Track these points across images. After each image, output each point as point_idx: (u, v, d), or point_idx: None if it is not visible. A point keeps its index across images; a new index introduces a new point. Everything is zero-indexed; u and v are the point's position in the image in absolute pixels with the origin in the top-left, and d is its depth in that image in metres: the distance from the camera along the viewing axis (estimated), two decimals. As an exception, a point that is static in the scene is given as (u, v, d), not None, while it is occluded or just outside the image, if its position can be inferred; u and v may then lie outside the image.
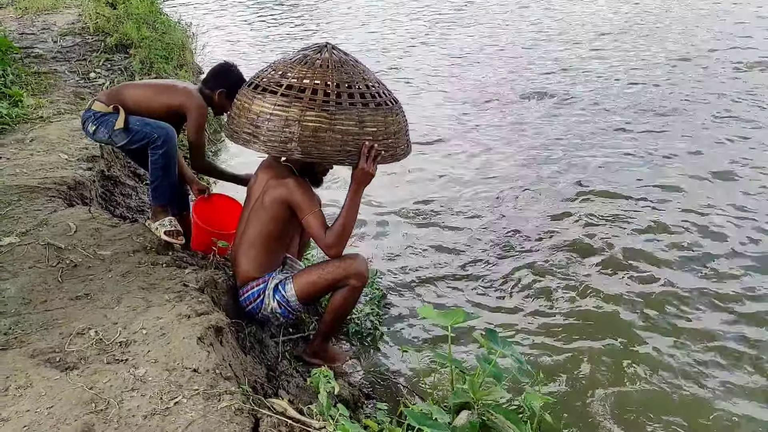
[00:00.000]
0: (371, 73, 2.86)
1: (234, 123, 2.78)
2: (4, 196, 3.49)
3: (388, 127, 2.71)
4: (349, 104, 2.63)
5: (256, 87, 2.75)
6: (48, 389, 2.05)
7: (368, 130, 2.65)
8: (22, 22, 7.53)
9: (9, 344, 2.34)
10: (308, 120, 2.57)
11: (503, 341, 2.63)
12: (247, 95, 2.75)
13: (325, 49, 2.78)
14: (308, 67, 2.70)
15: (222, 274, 3.22)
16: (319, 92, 2.62)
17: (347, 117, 2.60)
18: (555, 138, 6.16)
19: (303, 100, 2.59)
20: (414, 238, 4.52)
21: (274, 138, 2.60)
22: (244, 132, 2.68)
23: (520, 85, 7.67)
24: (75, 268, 2.96)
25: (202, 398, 2.06)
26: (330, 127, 2.58)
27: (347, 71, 2.72)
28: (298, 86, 2.65)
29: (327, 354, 3.18)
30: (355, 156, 2.65)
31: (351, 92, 2.66)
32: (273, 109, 2.60)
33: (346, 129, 2.60)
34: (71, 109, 5.05)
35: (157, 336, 2.39)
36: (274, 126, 2.60)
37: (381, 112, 2.70)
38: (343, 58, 2.79)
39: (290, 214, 2.86)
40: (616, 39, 9.46)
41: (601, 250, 4.27)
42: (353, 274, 2.85)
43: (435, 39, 9.77)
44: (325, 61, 2.72)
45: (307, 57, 2.76)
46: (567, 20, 10.67)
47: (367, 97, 2.69)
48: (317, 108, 2.58)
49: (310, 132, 2.57)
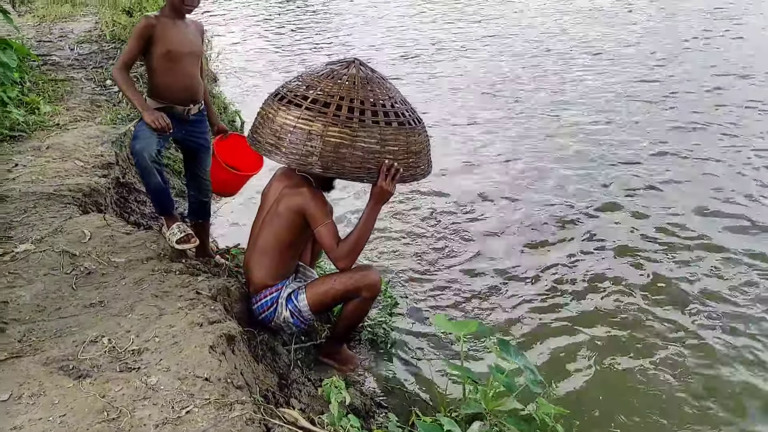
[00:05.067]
0: (396, 91, 2.86)
1: (257, 132, 2.79)
2: (20, 203, 3.53)
3: (409, 146, 2.70)
4: (372, 122, 2.63)
5: (281, 98, 2.75)
6: (61, 397, 2.06)
7: (389, 149, 2.64)
8: (39, 29, 7.63)
9: (23, 351, 2.36)
10: (330, 135, 2.57)
11: (516, 351, 2.62)
12: (271, 106, 2.76)
13: (352, 64, 2.79)
14: (334, 82, 2.71)
15: (235, 282, 3.23)
16: (343, 108, 2.62)
17: (369, 135, 2.60)
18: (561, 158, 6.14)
19: (327, 115, 2.60)
20: (427, 247, 4.50)
21: (295, 151, 2.61)
22: (267, 142, 2.70)
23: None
24: (89, 275, 2.98)
25: (213, 408, 2.06)
26: (351, 144, 2.58)
27: (372, 88, 2.72)
28: (322, 101, 2.65)
29: (340, 356, 3.20)
30: (374, 173, 2.65)
31: (375, 110, 2.66)
32: (296, 122, 2.61)
33: (368, 147, 2.60)
34: (87, 116, 5.10)
35: (170, 344, 2.40)
36: (296, 139, 2.60)
37: (403, 131, 2.69)
38: (370, 75, 2.79)
39: (304, 222, 2.86)
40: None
41: (627, 264, 4.23)
42: (365, 286, 2.85)
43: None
44: (352, 77, 2.72)
45: (334, 71, 2.76)
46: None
47: (391, 116, 2.68)
48: (340, 124, 2.58)
49: (332, 147, 2.58)
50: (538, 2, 12.07)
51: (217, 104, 6.52)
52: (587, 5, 12.06)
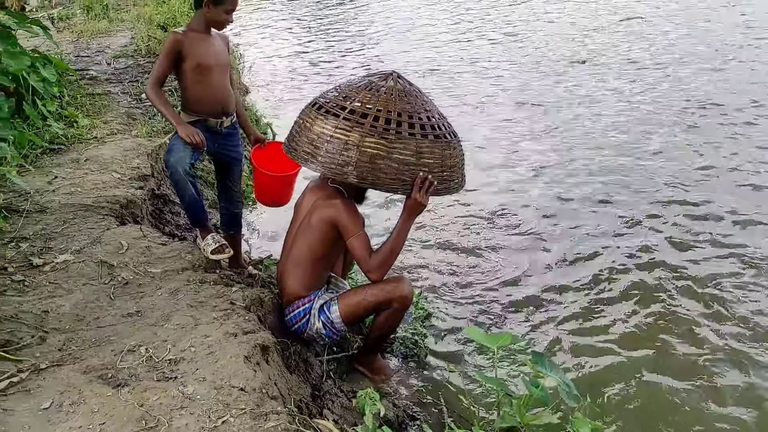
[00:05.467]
0: (433, 104, 2.88)
1: (294, 140, 2.83)
2: (60, 214, 3.60)
3: (444, 160, 2.71)
4: (408, 134, 2.65)
5: (319, 108, 2.78)
6: (100, 406, 2.09)
7: (425, 161, 2.65)
8: (77, 45, 7.82)
9: (63, 360, 2.40)
10: (367, 146, 2.59)
11: (551, 365, 2.59)
12: (309, 115, 2.80)
13: (390, 77, 2.81)
14: (372, 94, 2.74)
15: (268, 292, 3.26)
16: (381, 120, 2.64)
17: (405, 146, 2.62)
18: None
19: (364, 126, 2.62)
20: (460, 258, 4.49)
21: (331, 160, 2.63)
22: (303, 150, 2.73)
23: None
24: (126, 285, 3.03)
25: (249, 418, 2.08)
26: (387, 155, 2.60)
27: (410, 101, 2.74)
28: (360, 112, 2.68)
29: (373, 365, 3.21)
30: (409, 186, 2.66)
31: (411, 122, 2.68)
32: (334, 131, 2.64)
33: (403, 158, 2.62)
34: (124, 129, 5.20)
35: (205, 354, 2.43)
36: (333, 148, 2.63)
37: (439, 144, 2.70)
38: (407, 87, 2.81)
39: (337, 234, 2.88)
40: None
41: (667, 277, 4.14)
42: (397, 298, 2.86)
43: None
44: (390, 89, 2.75)
45: (372, 83, 2.79)
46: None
47: (427, 129, 2.70)
48: (377, 135, 2.60)
49: (368, 158, 2.60)
50: (582, 16, 11.97)
51: (249, 116, 6.59)
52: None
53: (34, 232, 3.42)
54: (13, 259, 3.11)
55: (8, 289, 2.85)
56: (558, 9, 12.52)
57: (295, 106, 7.62)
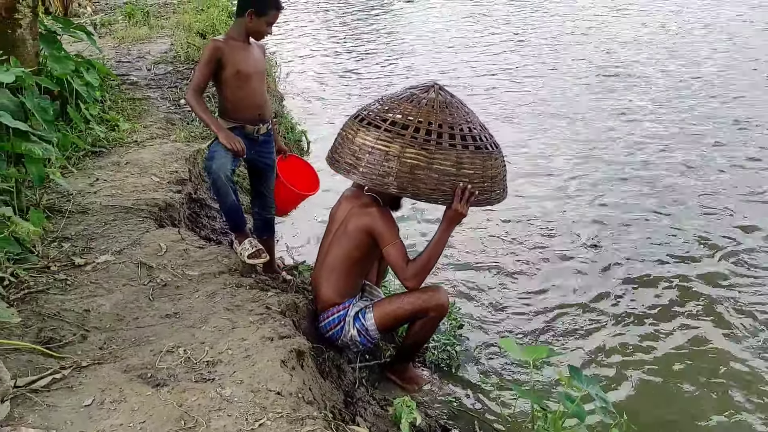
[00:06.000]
0: (475, 116, 2.88)
1: (337, 152, 2.86)
2: (101, 215, 3.68)
3: (486, 171, 2.72)
4: (449, 145, 2.66)
5: (362, 120, 2.81)
6: (140, 404, 2.12)
7: (465, 172, 2.66)
8: (119, 50, 7.97)
9: (104, 359, 2.44)
10: (407, 157, 2.61)
11: (587, 379, 2.55)
12: (352, 127, 2.82)
13: (432, 89, 2.83)
14: (413, 106, 2.76)
15: (302, 298, 3.28)
16: (421, 131, 2.66)
17: (446, 157, 2.63)
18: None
19: (404, 136, 2.64)
20: (495, 269, 4.46)
21: (372, 171, 2.65)
22: (345, 162, 2.76)
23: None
24: (164, 287, 3.08)
25: (285, 422, 2.09)
26: (428, 166, 2.61)
27: (451, 112, 2.76)
28: (401, 123, 2.70)
29: (405, 374, 3.21)
30: (449, 196, 2.67)
31: (452, 133, 2.69)
32: (375, 142, 2.67)
33: (444, 169, 2.63)
34: (163, 133, 5.29)
35: (242, 357, 2.45)
36: (374, 159, 2.65)
37: (480, 155, 2.71)
38: (449, 99, 2.82)
39: (372, 242, 2.89)
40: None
41: (712, 294, 4.07)
42: (434, 306, 2.87)
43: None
44: (431, 101, 2.76)
45: (414, 95, 2.81)
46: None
47: (468, 140, 2.70)
48: (417, 146, 2.62)
49: (408, 168, 2.61)
50: (618, 29, 11.87)
51: (284, 124, 6.67)
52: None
53: (76, 232, 3.49)
54: (56, 259, 3.18)
55: (51, 287, 2.92)
56: (592, 21, 12.43)
57: (329, 115, 7.70)
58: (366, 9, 14.54)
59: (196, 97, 3.30)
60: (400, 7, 14.75)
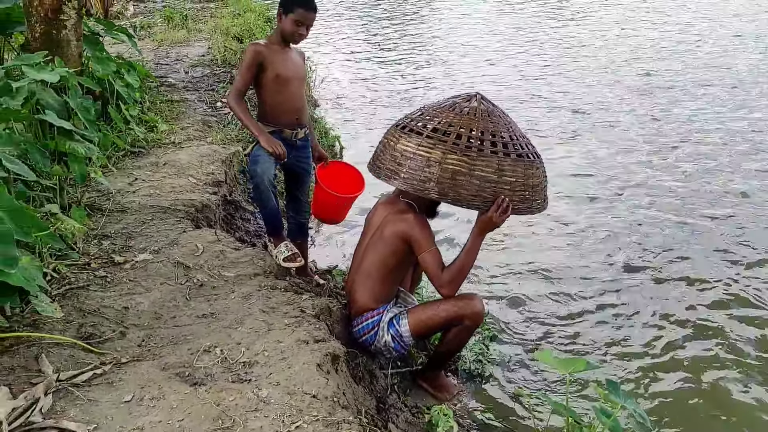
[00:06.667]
0: (516, 125, 2.89)
1: (378, 159, 2.88)
2: (139, 215, 3.73)
3: (527, 179, 2.71)
4: (490, 152, 2.66)
5: (404, 128, 2.83)
6: (179, 402, 2.14)
7: (506, 179, 2.66)
8: (157, 53, 8.10)
9: (143, 356, 2.48)
10: (449, 163, 2.62)
11: (625, 394, 2.52)
12: (394, 134, 2.85)
13: (474, 98, 2.84)
14: (455, 114, 2.77)
15: (336, 302, 3.29)
16: (463, 137, 2.66)
17: (487, 164, 2.63)
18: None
19: (446, 143, 2.65)
20: (530, 278, 4.42)
21: (414, 176, 2.67)
22: (387, 168, 2.78)
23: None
24: (201, 287, 3.10)
25: (321, 425, 2.09)
26: (469, 172, 2.62)
27: (493, 121, 2.76)
28: (443, 130, 2.71)
29: (436, 382, 3.20)
30: (489, 203, 2.67)
31: (494, 141, 2.70)
32: (416, 149, 2.68)
33: (485, 176, 2.63)
34: (199, 135, 5.35)
35: (278, 359, 2.46)
36: (415, 165, 2.67)
37: (522, 163, 2.70)
38: (491, 108, 2.83)
39: (408, 248, 2.89)
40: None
41: (754, 314, 3.97)
42: (470, 315, 2.86)
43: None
44: (473, 109, 2.78)
45: (456, 104, 2.83)
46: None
47: (509, 148, 2.71)
48: (459, 152, 2.63)
49: (449, 174, 2.62)
50: (653, 37, 11.76)
51: (318, 129, 6.70)
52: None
53: (116, 230, 3.54)
54: (96, 256, 3.23)
55: (92, 284, 2.96)
56: (629, 28, 12.31)
57: (363, 121, 7.72)
58: (400, 16, 14.58)
59: (238, 101, 3.35)
60: (436, 15, 14.75)
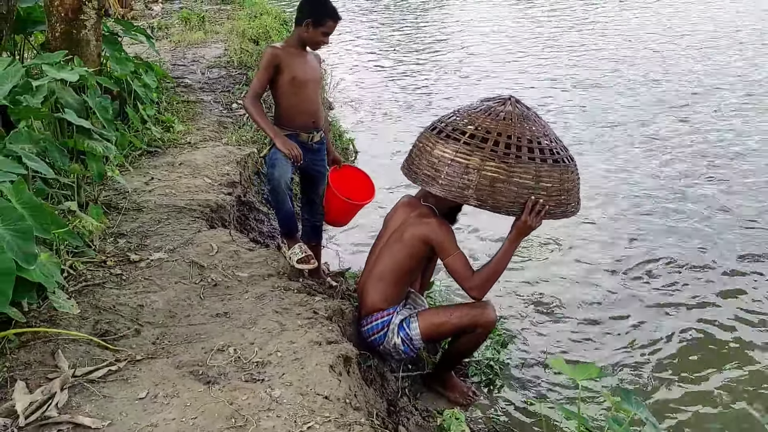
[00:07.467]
0: (551, 129, 2.89)
1: (414, 163, 2.88)
2: (155, 214, 3.76)
3: (563, 184, 2.72)
4: (528, 158, 2.66)
5: (439, 132, 2.82)
6: (193, 400, 2.16)
7: (543, 185, 2.66)
8: (174, 54, 8.19)
9: (157, 354, 2.50)
10: (488, 170, 2.62)
11: (637, 403, 2.50)
12: (429, 139, 2.84)
13: (508, 101, 2.84)
14: (492, 119, 2.76)
15: (348, 304, 3.30)
16: (501, 144, 2.66)
17: (525, 171, 2.64)
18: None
19: (484, 150, 2.65)
20: (543, 284, 4.40)
21: (452, 183, 2.67)
22: (424, 173, 2.77)
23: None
24: (215, 286, 3.13)
25: (333, 426, 2.10)
26: (507, 179, 2.63)
27: (529, 126, 2.76)
28: (480, 136, 2.71)
29: (447, 382, 3.21)
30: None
31: (531, 147, 2.69)
32: (454, 155, 2.68)
33: (523, 182, 2.64)
34: (215, 136, 5.39)
35: (291, 360, 2.47)
36: (453, 172, 2.67)
37: (558, 168, 2.71)
38: (526, 112, 2.83)
39: (428, 251, 2.90)
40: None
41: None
42: (483, 323, 2.88)
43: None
44: (509, 113, 2.77)
45: (491, 108, 2.82)
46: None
47: (546, 153, 2.71)
48: (497, 159, 2.63)
49: (488, 182, 2.63)
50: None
51: (333, 131, 6.73)
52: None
53: (131, 229, 3.58)
54: (112, 254, 3.26)
55: (107, 281, 2.99)
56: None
57: (378, 124, 7.74)
58: (416, 20, 14.61)
59: (255, 103, 3.37)
60: (456, 16, 14.75)
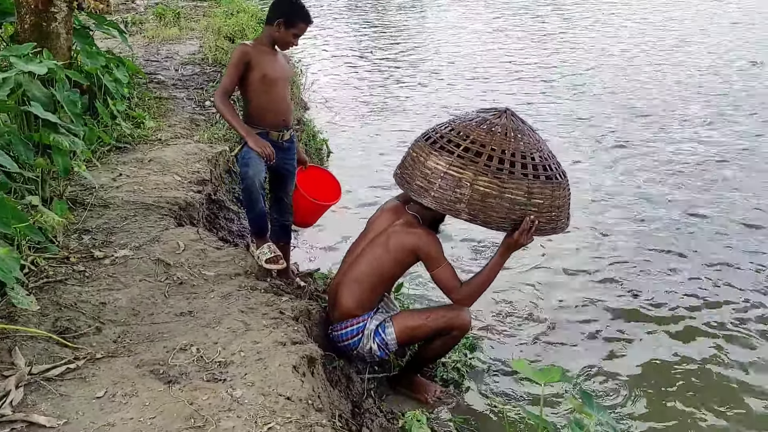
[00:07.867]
0: (545, 143, 2.88)
1: (406, 172, 2.85)
2: (122, 210, 3.71)
3: (554, 200, 2.71)
4: (521, 174, 2.65)
5: (433, 143, 2.78)
6: (151, 400, 2.13)
7: (535, 202, 2.66)
8: (148, 49, 8.08)
9: (118, 352, 2.46)
10: (480, 185, 2.61)
11: (599, 406, 2.53)
12: (423, 149, 2.80)
13: (504, 114, 2.82)
14: (486, 132, 2.73)
15: (316, 305, 3.29)
16: (494, 159, 2.64)
17: (517, 186, 2.63)
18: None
19: (478, 164, 2.63)
20: (514, 289, 4.41)
21: (444, 196, 2.65)
22: (417, 184, 2.74)
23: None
24: (181, 285, 3.09)
25: (294, 427, 2.09)
26: (499, 195, 2.61)
27: (523, 140, 2.74)
28: (474, 150, 2.68)
29: (413, 384, 3.21)
30: (517, 225, 2.67)
31: (524, 162, 2.68)
32: (447, 168, 2.65)
33: (515, 198, 2.63)
34: (187, 133, 5.34)
35: (254, 360, 2.45)
36: (446, 185, 2.65)
37: (550, 185, 2.70)
38: (520, 126, 2.81)
39: (413, 261, 2.92)
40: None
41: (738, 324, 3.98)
42: (458, 326, 2.91)
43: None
44: (504, 127, 2.75)
45: (487, 120, 2.79)
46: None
47: (539, 169, 2.69)
48: (490, 174, 2.61)
49: (480, 196, 2.61)
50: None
51: (306, 132, 6.71)
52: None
53: (97, 225, 3.53)
54: (75, 250, 3.21)
55: (70, 278, 2.94)
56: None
57: (352, 125, 7.74)
58: (392, 21, 14.63)
59: (225, 101, 3.35)
60: (433, 21, 14.80)
